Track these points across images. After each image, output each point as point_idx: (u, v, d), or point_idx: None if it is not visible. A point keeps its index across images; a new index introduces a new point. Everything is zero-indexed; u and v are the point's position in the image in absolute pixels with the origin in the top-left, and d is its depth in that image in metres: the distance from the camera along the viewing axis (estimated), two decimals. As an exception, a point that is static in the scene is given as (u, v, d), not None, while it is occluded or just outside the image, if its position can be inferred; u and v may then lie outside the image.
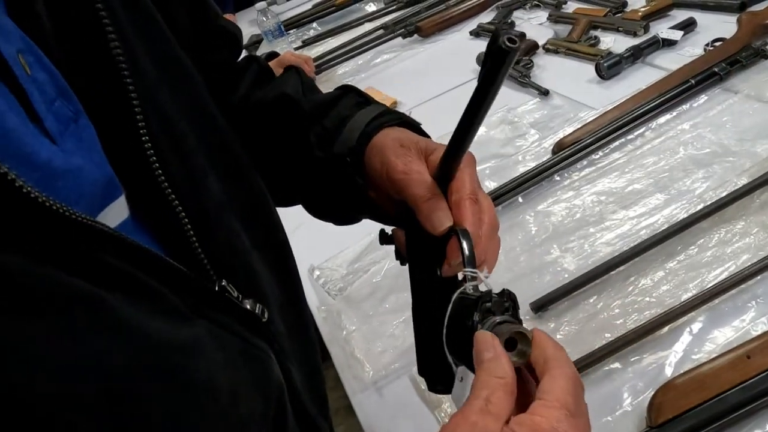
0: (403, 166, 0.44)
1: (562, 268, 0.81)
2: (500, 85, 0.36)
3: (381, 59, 1.68)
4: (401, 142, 0.47)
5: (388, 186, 0.46)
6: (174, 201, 0.37)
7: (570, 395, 0.33)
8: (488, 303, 0.38)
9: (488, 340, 0.35)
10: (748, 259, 0.72)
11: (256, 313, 0.41)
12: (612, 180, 0.93)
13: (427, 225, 0.42)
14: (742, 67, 1.04)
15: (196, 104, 0.45)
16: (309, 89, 0.56)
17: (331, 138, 0.51)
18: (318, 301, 0.92)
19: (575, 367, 0.35)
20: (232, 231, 0.43)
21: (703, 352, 0.65)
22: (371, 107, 0.52)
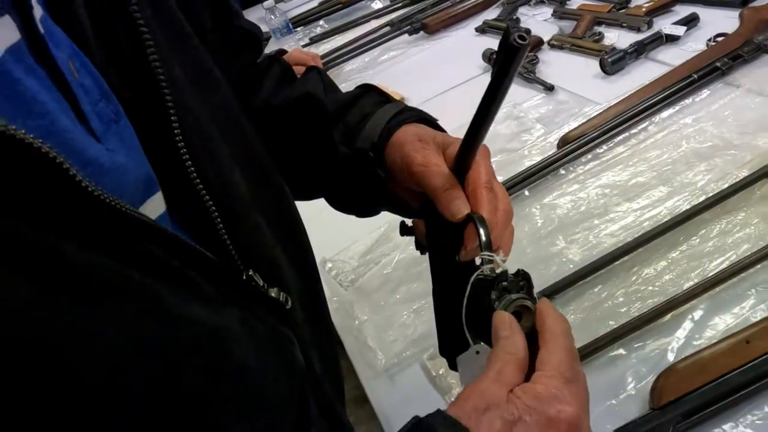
0: (422, 159, 0.47)
1: (568, 258, 0.84)
2: (512, 79, 0.38)
3: (388, 56, 1.71)
4: (420, 137, 0.50)
5: (408, 179, 0.49)
6: (205, 196, 0.39)
7: (565, 364, 0.37)
8: (504, 282, 0.41)
9: (505, 319, 0.39)
10: (748, 248, 0.74)
11: (281, 301, 0.44)
12: (616, 173, 0.95)
13: (446, 213, 0.45)
14: (744, 61, 1.06)
15: (220, 106, 0.47)
16: (330, 88, 0.59)
17: (354, 134, 0.53)
18: (330, 293, 0.95)
19: (571, 337, 0.39)
20: (256, 225, 0.45)
21: (704, 338, 0.67)
22: (391, 105, 0.55)
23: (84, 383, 0.29)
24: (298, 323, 0.48)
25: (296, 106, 0.57)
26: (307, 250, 0.56)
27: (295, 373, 0.44)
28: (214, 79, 0.47)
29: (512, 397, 0.35)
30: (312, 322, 0.52)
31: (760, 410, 0.58)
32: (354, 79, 1.65)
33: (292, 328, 0.45)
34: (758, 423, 0.57)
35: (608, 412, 0.63)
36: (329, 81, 0.60)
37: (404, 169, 0.49)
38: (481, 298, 0.41)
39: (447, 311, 0.48)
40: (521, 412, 0.34)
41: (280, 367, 0.42)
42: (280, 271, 0.47)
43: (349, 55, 1.76)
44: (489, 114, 0.41)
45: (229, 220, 0.41)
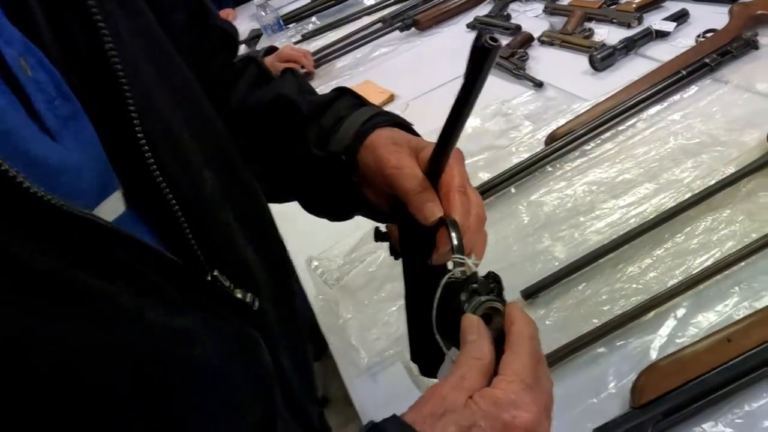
0: (396, 161, 0.47)
1: (553, 256, 0.83)
2: (484, 81, 0.38)
3: (379, 52, 1.70)
4: (394, 140, 0.50)
5: (381, 182, 0.48)
6: (168, 195, 0.38)
7: (528, 369, 0.36)
8: (474, 284, 0.40)
9: (473, 323, 0.38)
10: (733, 245, 0.74)
11: (247, 302, 0.43)
12: (603, 170, 0.95)
13: (419, 216, 0.45)
14: (733, 57, 1.05)
15: (190, 104, 0.46)
16: (306, 91, 0.59)
17: (327, 137, 0.53)
18: (315, 291, 0.94)
19: (538, 342, 0.38)
20: (225, 224, 0.45)
21: (687, 336, 0.67)
22: (366, 108, 0.55)
23: (45, 386, 0.28)
24: (268, 324, 0.47)
25: (270, 108, 0.57)
26: (280, 250, 0.56)
27: (262, 373, 0.44)
28: (185, 78, 0.47)
29: (470, 402, 0.35)
30: (284, 322, 0.52)
31: (740, 409, 0.58)
32: (345, 76, 1.64)
33: (259, 329, 0.45)
34: (738, 422, 0.57)
35: (589, 411, 0.63)
36: (305, 83, 0.60)
37: (377, 171, 0.48)
38: (452, 300, 0.40)
39: (419, 316, 0.47)
40: (477, 417, 0.34)
41: (245, 368, 0.42)
42: (250, 272, 0.47)
43: (340, 52, 1.76)
44: (462, 116, 0.41)
45: (196, 219, 0.40)
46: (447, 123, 0.42)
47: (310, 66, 1.69)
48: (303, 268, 0.99)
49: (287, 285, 0.56)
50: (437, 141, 0.45)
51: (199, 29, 0.54)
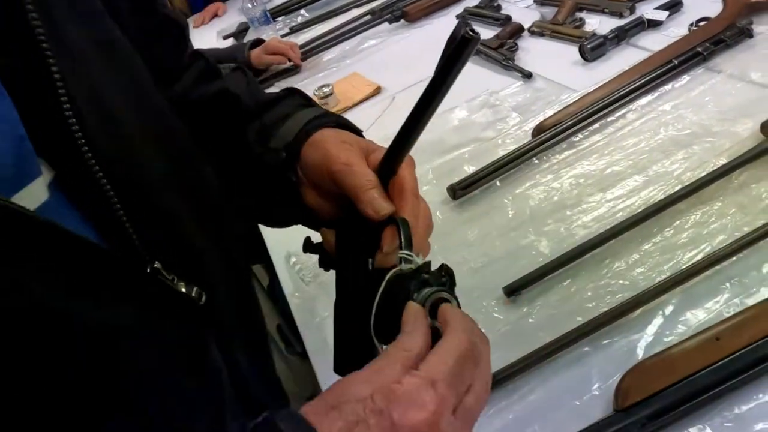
0: (345, 158, 0.45)
1: (538, 251, 0.80)
2: (457, 75, 0.36)
3: (367, 45, 1.67)
4: (342, 139, 0.48)
5: (326, 180, 0.46)
6: (102, 179, 0.35)
7: (443, 366, 0.33)
8: (426, 274, 0.38)
9: (412, 312, 0.36)
10: (723, 240, 0.70)
11: (193, 297, 0.40)
12: (591, 162, 0.91)
13: (369, 210, 0.43)
14: (726, 46, 1.02)
15: (133, 85, 0.43)
16: (252, 88, 0.57)
17: (269, 134, 0.51)
18: (293, 288, 0.91)
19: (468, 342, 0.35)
20: (171, 213, 0.42)
21: (674, 334, 0.63)
22: (313, 108, 0.53)
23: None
24: (219, 319, 0.44)
25: (213, 102, 0.55)
26: (238, 245, 0.53)
27: (209, 374, 0.41)
28: (127, 53, 0.44)
29: (368, 396, 0.32)
30: (241, 321, 0.49)
31: (730, 412, 0.55)
32: (332, 69, 1.61)
33: (208, 326, 0.42)
34: (728, 426, 0.54)
35: (571, 414, 0.60)
36: (254, 83, 0.58)
37: (324, 168, 0.46)
38: (397, 294, 0.38)
39: (352, 325, 0.44)
40: (366, 413, 0.31)
41: (189, 366, 0.39)
42: (200, 265, 0.43)
43: (327, 45, 1.72)
44: (427, 113, 0.39)
45: (134, 206, 0.37)
46: (409, 120, 0.39)
47: (297, 59, 1.65)
48: (281, 265, 0.96)
49: (244, 281, 0.54)
50: (395, 138, 0.42)
51: (144, 15, 0.51)
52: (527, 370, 0.65)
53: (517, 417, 0.62)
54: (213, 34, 2.29)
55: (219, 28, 2.35)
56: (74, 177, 0.35)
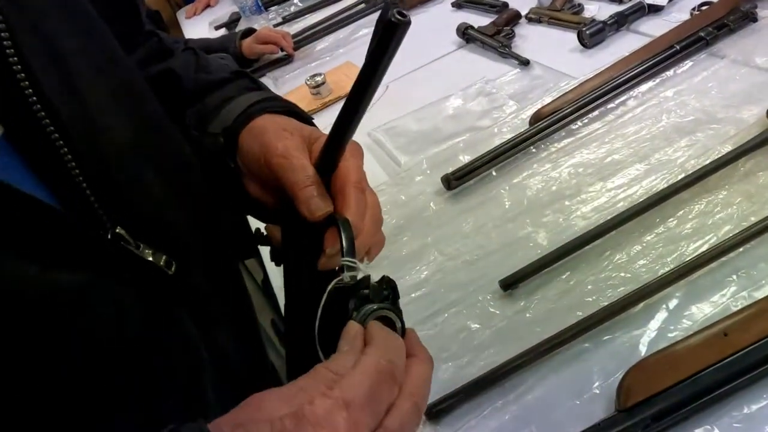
0: (283, 149, 0.42)
1: (535, 243, 0.77)
2: (389, 62, 0.33)
3: (361, 33, 1.63)
4: (283, 127, 0.45)
5: (266, 172, 0.43)
6: (59, 141, 0.33)
7: (361, 386, 0.30)
8: (365, 290, 0.35)
9: (351, 333, 0.33)
10: (729, 230, 0.67)
11: (160, 266, 0.38)
12: (591, 151, 0.88)
13: (304, 210, 0.39)
14: (730, 31, 0.98)
15: (97, 49, 0.41)
16: (202, 70, 0.54)
17: (209, 117, 0.48)
18: (282, 283, 0.88)
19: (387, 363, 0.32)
20: (140, 179, 0.40)
21: (679, 329, 0.60)
22: (259, 92, 0.50)
23: None
24: (192, 294, 0.42)
25: (156, 82, 0.51)
26: (215, 217, 0.50)
27: (180, 347, 0.39)
28: (91, 18, 0.42)
29: (277, 417, 0.29)
30: (222, 296, 0.47)
31: (739, 411, 0.52)
32: (325, 58, 1.57)
33: (180, 299, 0.40)
34: (737, 426, 0.51)
35: (570, 414, 0.57)
36: (204, 64, 0.55)
37: (262, 159, 0.43)
38: (339, 309, 0.35)
39: (299, 329, 0.41)
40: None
41: (157, 340, 0.37)
42: (171, 234, 0.41)
43: (321, 34, 1.68)
44: (362, 102, 0.36)
45: (94, 168, 0.35)
46: (344, 109, 0.37)
47: (290, 48, 1.62)
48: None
49: (227, 260, 0.51)
50: (331, 130, 0.39)
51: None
52: (524, 367, 0.62)
53: (514, 417, 0.59)
54: (205, 25, 2.26)
55: (211, 18, 2.31)
56: (26, 135, 0.33)
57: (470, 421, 0.60)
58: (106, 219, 0.35)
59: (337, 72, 1.44)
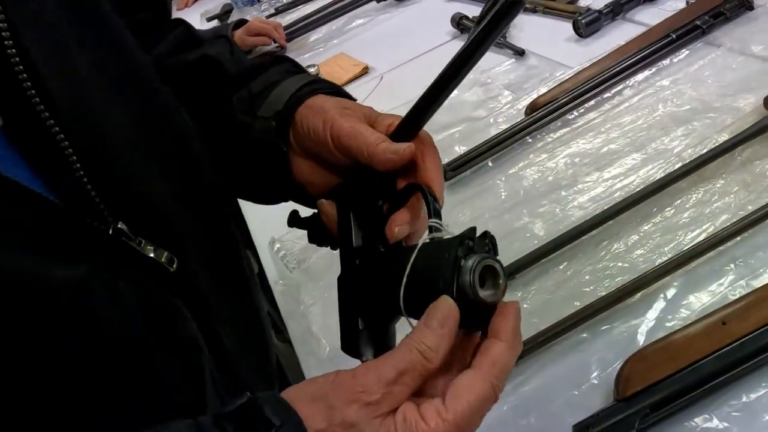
0: (350, 123, 0.43)
1: (532, 233, 0.77)
2: (494, 40, 0.35)
3: (355, 24, 1.62)
4: (344, 105, 0.45)
5: (326, 146, 0.44)
6: (59, 134, 0.33)
7: (473, 414, 0.30)
8: (471, 241, 0.34)
9: (447, 308, 0.32)
10: (727, 219, 0.67)
11: (161, 262, 0.37)
12: (587, 141, 0.88)
13: (386, 155, 0.40)
14: (726, 19, 0.98)
15: (103, 42, 0.40)
16: (237, 55, 0.54)
17: (257, 102, 0.48)
18: (277, 275, 0.87)
19: (504, 378, 0.32)
20: (142, 174, 0.39)
21: (677, 319, 0.60)
22: (304, 75, 0.49)
23: None
24: (198, 291, 0.42)
25: (193, 69, 0.51)
26: (223, 216, 0.50)
27: (181, 343, 0.39)
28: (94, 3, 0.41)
29: (389, 420, 0.28)
30: (225, 293, 0.46)
31: (738, 400, 0.51)
32: (318, 49, 1.57)
33: (182, 296, 0.39)
34: (735, 415, 0.51)
35: (569, 405, 0.56)
36: (238, 50, 0.55)
37: (327, 134, 0.43)
38: (432, 265, 0.35)
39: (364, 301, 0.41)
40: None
41: (158, 335, 0.37)
42: (173, 231, 0.40)
43: (314, 25, 1.67)
44: (458, 76, 0.37)
45: (95, 161, 0.35)
46: (435, 84, 0.38)
47: (282, 39, 1.60)
48: (266, 250, 0.92)
49: (232, 253, 0.50)
50: (419, 101, 0.40)
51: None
52: (522, 358, 0.62)
53: (513, 408, 0.59)
54: (197, 16, 2.24)
55: (203, 9, 2.29)
56: (24, 127, 0.32)
57: (468, 412, 0.60)
58: (108, 214, 0.35)
59: (331, 63, 1.42)
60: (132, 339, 0.35)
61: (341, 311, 0.42)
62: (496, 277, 0.34)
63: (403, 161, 0.40)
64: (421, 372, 0.31)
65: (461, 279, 0.33)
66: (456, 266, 0.33)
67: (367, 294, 0.41)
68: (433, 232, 0.38)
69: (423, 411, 0.30)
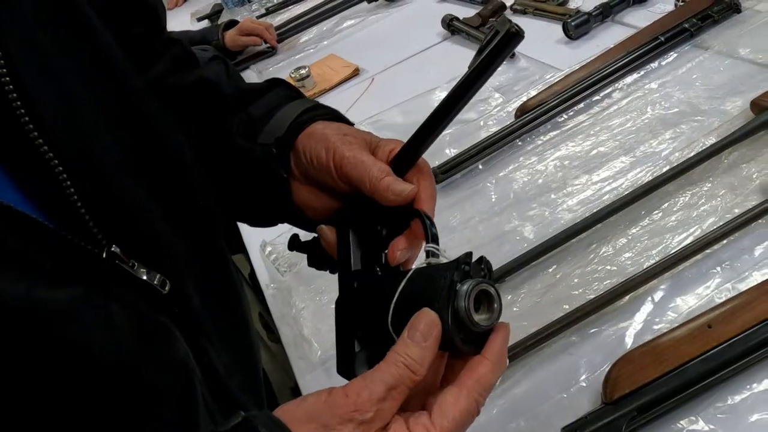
0: (352, 152, 0.43)
1: (522, 236, 0.77)
2: (494, 70, 0.37)
3: (346, 25, 1.62)
4: (344, 132, 0.46)
5: (328, 173, 0.44)
6: (53, 160, 0.32)
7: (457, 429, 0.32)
8: (467, 266, 0.35)
9: (431, 321, 0.33)
10: (714, 222, 0.68)
11: (154, 285, 0.37)
12: (576, 143, 0.88)
13: (389, 195, 0.41)
14: (714, 22, 0.99)
15: (92, 60, 0.40)
16: (234, 78, 0.54)
17: (257, 127, 0.48)
18: (269, 279, 0.87)
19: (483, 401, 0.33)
20: (134, 196, 0.39)
21: (664, 322, 0.61)
22: (303, 100, 0.50)
23: None
24: (186, 312, 0.41)
25: (191, 91, 0.51)
26: (213, 234, 0.49)
27: (173, 365, 0.38)
28: (89, 26, 0.40)
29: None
30: (215, 312, 0.46)
31: (723, 403, 0.52)
32: (309, 50, 1.56)
33: (173, 317, 0.39)
34: (720, 417, 0.51)
35: (557, 408, 0.57)
36: (234, 72, 0.55)
37: (330, 162, 0.44)
38: (426, 288, 0.35)
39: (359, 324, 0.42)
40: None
41: (149, 357, 0.36)
42: (166, 252, 0.40)
43: (305, 26, 1.67)
44: (458, 105, 0.39)
45: (88, 184, 0.34)
46: (436, 113, 0.40)
47: (273, 40, 1.60)
48: (257, 254, 0.92)
49: (223, 272, 0.50)
50: (417, 131, 0.42)
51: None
52: (512, 361, 0.62)
53: (501, 411, 0.59)
54: (187, 16, 2.23)
55: (193, 9, 2.28)
56: (16, 151, 0.32)
57: (458, 415, 0.60)
58: (101, 237, 0.35)
59: (322, 65, 1.42)
60: (125, 361, 0.35)
61: (338, 334, 0.43)
62: (492, 301, 0.35)
63: (406, 202, 0.42)
64: (408, 385, 0.32)
65: (456, 303, 0.34)
66: (451, 290, 0.34)
67: (363, 316, 0.41)
68: (429, 257, 0.39)
69: (412, 427, 0.31)
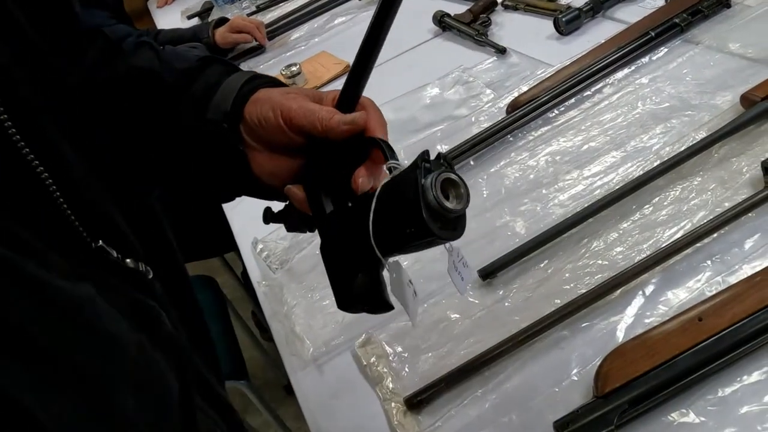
0: (298, 104, 0.46)
1: (513, 232, 0.77)
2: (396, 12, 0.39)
3: (337, 22, 1.61)
4: (287, 91, 0.48)
5: (279, 131, 0.47)
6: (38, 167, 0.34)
7: None
8: (426, 163, 0.37)
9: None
10: (704, 216, 0.68)
11: (141, 271, 0.39)
12: (568, 139, 0.88)
13: (342, 127, 0.44)
14: (704, 17, 0.99)
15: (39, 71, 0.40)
16: (166, 62, 0.54)
17: (202, 106, 0.49)
18: (260, 276, 0.87)
19: None
20: (98, 197, 0.40)
21: (655, 315, 0.61)
22: (241, 73, 0.51)
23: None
24: (165, 294, 0.43)
25: (126, 82, 0.51)
26: (157, 221, 0.51)
27: (170, 345, 0.40)
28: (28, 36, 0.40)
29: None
30: (174, 297, 0.47)
31: (714, 395, 0.52)
32: (300, 47, 1.56)
33: (157, 301, 0.41)
34: (711, 410, 0.51)
35: (549, 402, 0.57)
36: (165, 55, 0.54)
37: (279, 119, 0.46)
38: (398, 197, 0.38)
39: (345, 255, 0.44)
40: None
41: (150, 337, 0.38)
42: (132, 245, 0.42)
43: (296, 23, 1.66)
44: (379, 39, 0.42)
45: (68, 190, 0.36)
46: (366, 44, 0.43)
47: (263, 38, 1.59)
48: (248, 251, 0.92)
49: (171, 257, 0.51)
50: (353, 69, 0.45)
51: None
52: (504, 356, 0.62)
53: (494, 405, 0.59)
54: (177, 14, 2.21)
55: (183, 7, 2.26)
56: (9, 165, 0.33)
57: (451, 410, 0.60)
58: (87, 236, 0.36)
59: (313, 62, 1.42)
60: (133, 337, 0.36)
61: (330, 274, 0.45)
62: (457, 187, 0.38)
63: (359, 128, 0.45)
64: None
65: (426, 198, 0.36)
66: (417, 188, 0.36)
67: (347, 248, 0.43)
68: (392, 172, 0.41)
69: None
